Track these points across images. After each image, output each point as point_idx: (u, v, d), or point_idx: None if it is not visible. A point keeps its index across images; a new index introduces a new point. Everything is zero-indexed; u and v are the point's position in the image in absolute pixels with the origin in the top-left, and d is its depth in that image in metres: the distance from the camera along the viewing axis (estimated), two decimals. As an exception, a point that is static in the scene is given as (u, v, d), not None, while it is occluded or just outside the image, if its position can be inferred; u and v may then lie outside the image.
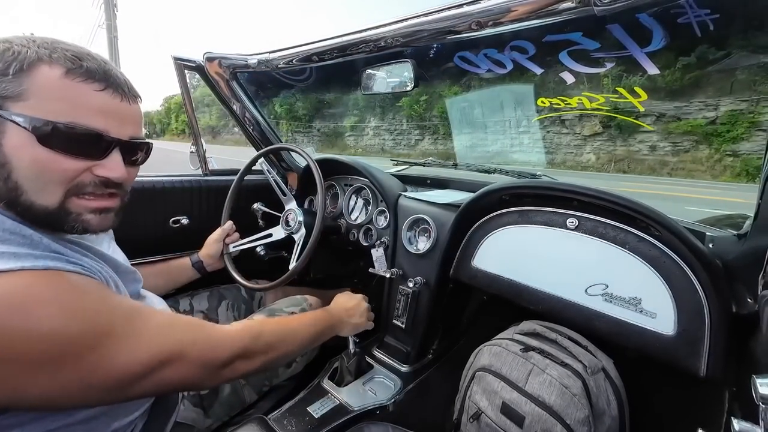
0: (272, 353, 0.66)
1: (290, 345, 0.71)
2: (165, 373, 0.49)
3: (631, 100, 11.48)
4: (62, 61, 0.45)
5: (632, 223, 0.75)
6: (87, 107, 0.46)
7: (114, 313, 0.47)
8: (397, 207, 1.17)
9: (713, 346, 0.63)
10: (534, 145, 15.85)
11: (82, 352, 0.42)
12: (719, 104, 14.30)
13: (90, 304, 0.44)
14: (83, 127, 0.46)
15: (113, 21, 10.81)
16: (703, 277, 0.66)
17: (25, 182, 0.45)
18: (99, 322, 0.44)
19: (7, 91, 0.43)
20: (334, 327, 0.88)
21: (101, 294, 0.48)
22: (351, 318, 0.93)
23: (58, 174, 0.46)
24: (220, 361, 0.56)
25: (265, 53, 1.12)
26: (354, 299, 0.98)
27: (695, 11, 0.68)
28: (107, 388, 0.45)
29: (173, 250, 1.20)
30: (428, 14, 0.78)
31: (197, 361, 0.53)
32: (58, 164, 0.46)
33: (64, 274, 0.44)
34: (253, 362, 0.61)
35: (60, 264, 0.45)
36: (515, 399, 0.75)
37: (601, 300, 0.75)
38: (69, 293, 0.43)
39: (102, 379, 0.44)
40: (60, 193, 0.47)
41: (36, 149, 0.44)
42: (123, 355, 0.45)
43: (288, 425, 0.86)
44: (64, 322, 0.41)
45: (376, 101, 22.95)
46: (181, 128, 51.03)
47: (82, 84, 0.46)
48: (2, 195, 0.45)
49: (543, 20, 0.67)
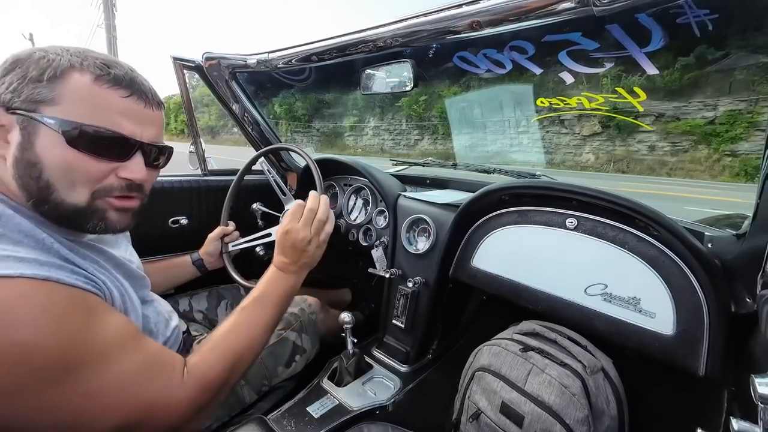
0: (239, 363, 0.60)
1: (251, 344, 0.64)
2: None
3: (630, 100, 11.50)
4: (92, 68, 0.48)
5: (631, 223, 0.75)
6: (113, 112, 0.49)
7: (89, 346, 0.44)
8: (396, 207, 1.17)
9: (712, 346, 0.63)
10: (533, 145, 15.86)
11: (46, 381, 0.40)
12: (718, 104, 14.33)
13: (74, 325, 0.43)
14: (109, 130, 0.49)
15: (112, 21, 10.80)
16: (701, 276, 0.66)
17: (56, 181, 0.47)
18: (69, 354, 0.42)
19: (41, 95, 0.46)
20: (294, 287, 0.74)
21: (88, 319, 0.45)
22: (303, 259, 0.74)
23: (84, 174, 0.49)
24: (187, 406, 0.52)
25: (264, 53, 1.12)
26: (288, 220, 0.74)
27: (694, 11, 0.68)
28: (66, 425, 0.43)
29: (172, 250, 1.20)
30: (427, 14, 0.78)
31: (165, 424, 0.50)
32: (85, 165, 0.48)
33: (60, 286, 0.44)
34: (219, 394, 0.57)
35: (61, 275, 0.44)
36: (514, 399, 0.75)
37: (601, 300, 0.75)
38: (56, 307, 0.42)
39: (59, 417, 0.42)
40: (87, 193, 0.50)
41: (65, 150, 0.47)
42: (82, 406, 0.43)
43: (287, 425, 0.86)
44: (42, 335, 0.40)
45: (375, 101, 22.96)
46: (180, 128, 50.96)
47: (109, 90, 0.49)
48: (33, 193, 0.47)
49: (542, 20, 0.67)
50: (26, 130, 0.46)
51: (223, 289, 1.17)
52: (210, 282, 1.16)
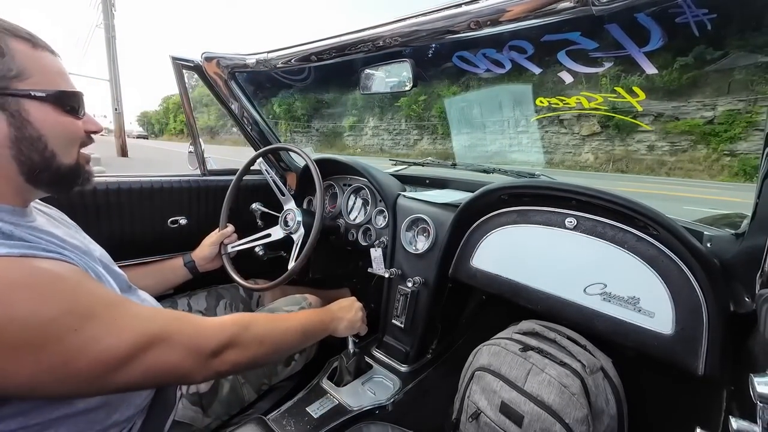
0: (263, 346, 0.64)
1: (281, 339, 0.69)
2: (151, 356, 0.48)
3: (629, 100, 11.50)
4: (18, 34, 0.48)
5: (631, 222, 0.75)
6: (59, 73, 0.52)
7: (94, 298, 0.47)
8: (396, 207, 1.17)
9: (711, 345, 0.64)
10: (533, 145, 15.87)
11: (63, 334, 0.42)
12: (717, 104, 14.35)
13: (68, 289, 0.44)
14: (71, 89, 0.53)
15: (111, 21, 10.78)
16: (700, 276, 0.66)
17: (59, 148, 0.51)
18: (79, 305, 0.44)
19: (9, 73, 0.46)
20: (328, 325, 0.85)
21: (78, 279, 0.47)
22: (346, 315, 0.91)
23: (74, 134, 0.54)
24: (208, 348, 0.54)
25: (263, 53, 1.12)
26: (348, 300, 0.96)
27: (693, 11, 0.68)
28: (94, 373, 0.44)
29: (171, 250, 1.20)
30: (427, 14, 0.78)
31: (184, 346, 0.52)
32: (73, 126, 0.53)
33: (38, 260, 0.44)
34: (244, 353, 0.60)
35: (36, 251, 0.45)
36: (514, 398, 0.75)
37: (600, 299, 0.75)
38: (45, 278, 0.43)
39: (87, 363, 0.43)
40: (76, 151, 0.55)
41: (59, 117, 0.51)
42: (106, 336, 0.45)
43: (287, 425, 0.86)
44: (40, 306, 0.41)
45: (374, 101, 22.95)
46: (179, 128, 50.91)
47: (48, 54, 0.51)
48: (36, 165, 0.50)
49: (541, 20, 0.67)
50: (9, 109, 0.46)
51: (222, 288, 1.17)
52: (209, 282, 1.16)
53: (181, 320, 0.54)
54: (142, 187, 1.15)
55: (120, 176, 1.13)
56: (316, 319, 0.82)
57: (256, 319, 0.66)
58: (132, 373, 0.47)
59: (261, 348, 0.63)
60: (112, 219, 1.10)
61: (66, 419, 0.49)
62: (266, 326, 0.67)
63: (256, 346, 0.62)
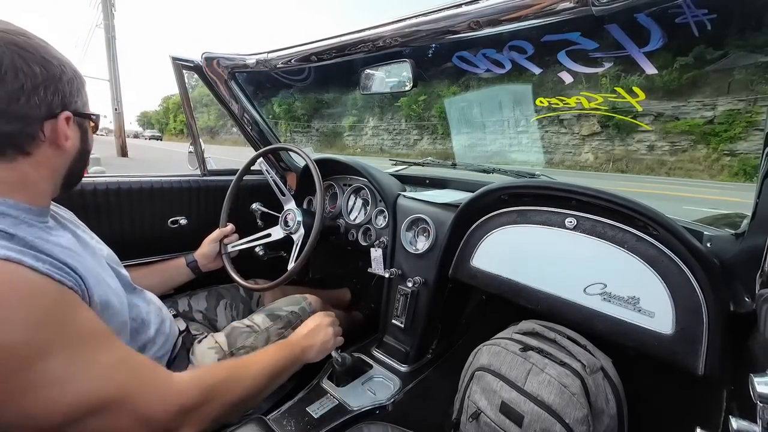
0: (226, 407, 0.59)
1: (249, 391, 0.64)
2: (99, 423, 0.44)
3: (629, 100, 11.49)
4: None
5: (630, 222, 0.75)
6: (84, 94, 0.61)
7: (59, 334, 0.43)
8: (396, 207, 1.17)
9: (711, 345, 0.64)
10: (532, 145, 15.87)
11: (8, 367, 0.39)
12: (717, 104, 14.35)
13: (34, 314, 0.41)
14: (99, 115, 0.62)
15: (111, 21, 10.78)
16: (700, 276, 0.66)
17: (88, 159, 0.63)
18: (37, 338, 0.41)
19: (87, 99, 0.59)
20: (299, 357, 0.79)
21: (54, 306, 0.44)
22: (313, 340, 0.84)
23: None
24: (162, 422, 0.50)
25: (263, 53, 1.12)
26: (314, 320, 0.89)
27: (693, 11, 0.68)
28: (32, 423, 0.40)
29: (172, 250, 1.20)
30: (427, 14, 0.78)
31: (138, 415, 0.47)
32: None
33: (23, 269, 0.43)
34: (204, 420, 0.55)
35: (25, 258, 0.43)
36: (514, 398, 0.75)
37: (600, 299, 0.75)
38: (15, 294, 0.41)
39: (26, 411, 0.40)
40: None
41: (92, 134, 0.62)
42: (54, 386, 0.41)
43: (287, 425, 0.86)
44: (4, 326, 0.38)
45: (374, 101, 22.94)
46: (179, 128, 50.90)
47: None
48: (77, 171, 0.60)
49: (541, 20, 0.67)
50: (83, 127, 0.59)
51: (222, 288, 1.17)
52: (209, 282, 1.16)
53: (144, 380, 0.50)
54: (142, 188, 1.15)
55: (120, 176, 1.13)
56: (284, 355, 0.76)
57: (220, 380, 0.60)
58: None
59: (224, 409, 0.59)
60: (112, 219, 1.10)
61: None
62: (230, 388, 0.61)
63: (218, 409, 0.58)
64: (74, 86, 0.55)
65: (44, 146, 0.52)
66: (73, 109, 0.55)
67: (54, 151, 0.54)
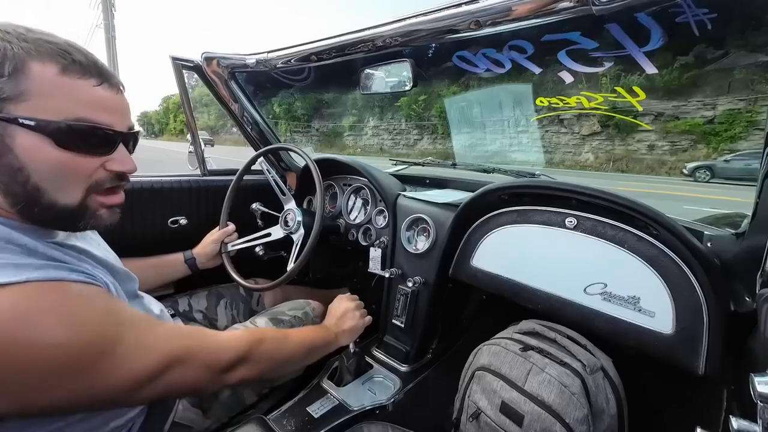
0: (272, 362, 0.66)
1: (290, 356, 0.72)
2: (173, 376, 0.50)
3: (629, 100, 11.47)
4: (53, 57, 0.44)
5: (631, 222, 0.75)
6: (89, 103, 0.46)
7: (120, 321, 0.47)
8: (396, 207, 1.17)
9: (711, 345, 0.64)
10: (532, 145, 15.85)
11: (93, 359, 0.43)
12: (717, 103, 14.32)
13: (96, 313, 0.45)
14: (93, 123, 0.46)
15: (111, 21, 10.78)
16: (701, 275, 0.66)
17: (46, 184, 0.45)
18: (107, 329, 0.45)
19: (6, 92, 0.41)
20: (332, 342, 0.86)
21: (105, 302, 0.48)
22: (344, 325, 0.91)
23: (77, 173, 0.47)
24: (222, 364, 0.57)
25: (263, 53, 1.12)
26: (342, 304, 0.95)
27: (693, 11, 0.68)
28: (119, 393, 0.45)
29: (171, 250, 1.20)
30: (427, 14, 0.78)
31: (202, 364, 0.54)
32: (76, 163, 0.46)
33: (68, 284, 0.45)
34: (253, 369, 0.62)
35: (63, 273, 0.45)
36: (514, 398, 0.75)
37: (600, 299, 0.75)
38: (74, 304, 0.43)
39: (113, 385, 0.44)
40: (81, 191, 0.48)
41: (52, 151, 0.44)
42: (133, 359, 0.46)
43: (287, 425, 0.86)
44: (71, 333, 0.41)
45: (374, 101, 22.93)
46: (179, 128, 50.89)
47: (79, 81, 0.45)
48: (20, 198, 0.45)
49: (541, 20, 0.67)
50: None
51: (222, 288, 1.17)
52: (209, 281, 1.16)
53: (199, 338, 0.57)
54: (142, 187, 1.15)
55: None
56: (322, 335, 0.83)
57: (268, 336, 0.68)
58: (152, 391, 0.48)
59: (269, 364, 0.66)
60: None
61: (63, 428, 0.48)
62: (277, 344, 0.69)
63: (265, 362, 0.65)
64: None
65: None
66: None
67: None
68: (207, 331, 0.61)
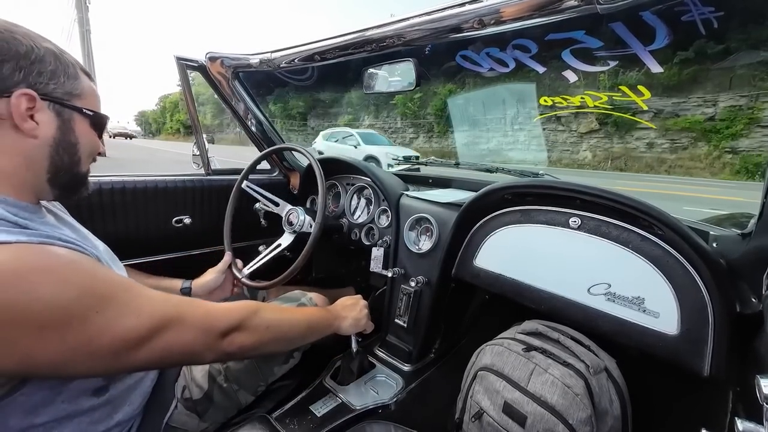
0: (269, 332, 0.67)
1: (287, 329, 0.73)
2: (167, 336, 0.52)
3: (634, 99, 11.39)
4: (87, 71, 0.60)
5: (635, 222, 0.75)
6: (96, 99, 0.62)
7: (111, 282, 0.50)
8: (399, 206, 1.16)
9: (717, 346, 0.63)
10: (536, 144, 15.80)
11: (85, 314, 0.45)
12: (718, 100, 14.22)
13: (86, 273, 0.48)
14: (101, 113, 0.62)
15: (85, 14, 10.50)
16: (706, 276, 0.65)
17: (84, 157, 0.60)
18: (98, 287, 0.47)
19: (75, 90, 0.57)
20: (332, 322, 0.87)
21: (94, 265, 0.51)
22: (350, 313, 0.92)
23: (95, 148, 0.63)
24: (218, 329, 0.58)
25: (267, 53, 1.11)
26: (353, 297, 0.98)
27: (699, 9, 0.68)
28: (114, 351, 0.47)
29: (175, 249, 1.20)
30: (430, 13, 0.77)
31: (196, 326, 0.56)
32: (97, 142, 0.63)
33: (57, 248, 0.47)
34: (251, 336, 0.63)
35: (53, 240, 0.48)
36: (517, 399, 0.75)
37: (604, 299, 0.75)
38: (64, 263, 0.46)
39: (109, 341, 0.46)
40: (89, 163, 0.63)
41: (91, 132, 0.61)
42: (127, 317, 0.48)
43: (290, 424, 0.86)
44: (62, 288, 0.43)
45: (370, 99, 22.84)
46: (175, 127, 50.80)
47: (95, 86, 0.62)
48: (64, 167, 0.57)
49: (545, 18, 0.67)
50: (63, 116, 0.55)
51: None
52: None
53: (194, 304, 0.59)
54: (146, 187, 1.15)
55: (124, 176, 1.13)
56: (320, 316, 0.85)
57: (263, 306, 0.69)
58: (150, 352, 0.50)
59: (267, 334, 0.67)
60: (116, 218, 1.10)
61: (71, 419, 0.52)
62: (273, 314, 0.71)
63: (262, 331, 0.66)
64: (51, 70, 0.52)
65: (4, 127, 0.50)
66: (43, 92, 0.52)
67: (16, 134, 0.50)
68: (201, 300, 0.63)
